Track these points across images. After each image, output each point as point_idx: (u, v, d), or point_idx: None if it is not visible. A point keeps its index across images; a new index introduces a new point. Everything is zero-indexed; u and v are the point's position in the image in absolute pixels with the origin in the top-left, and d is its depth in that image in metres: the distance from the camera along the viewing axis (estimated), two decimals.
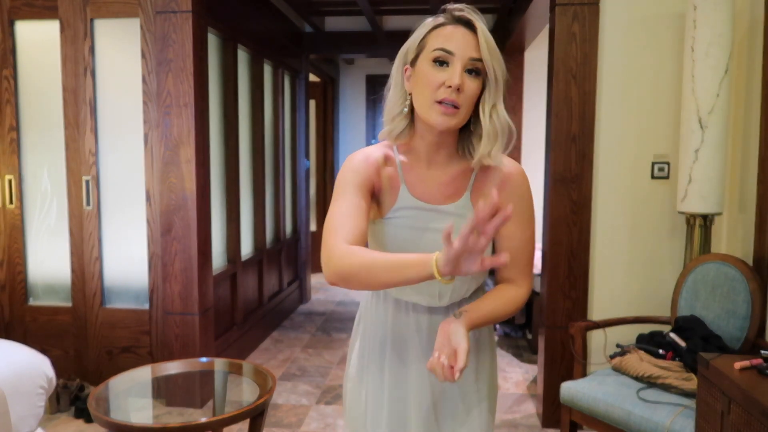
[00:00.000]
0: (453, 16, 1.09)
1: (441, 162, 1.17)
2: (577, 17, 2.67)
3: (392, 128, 1.16)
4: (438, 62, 1.08)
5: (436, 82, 1.07)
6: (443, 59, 1.07)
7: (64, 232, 3.04)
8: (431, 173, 1.18)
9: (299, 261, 5.19)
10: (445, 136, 1.15)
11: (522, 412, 2.99)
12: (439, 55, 1.07)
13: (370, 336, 1.28)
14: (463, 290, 1.22)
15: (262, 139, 4.12)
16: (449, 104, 1.07)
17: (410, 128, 1.16)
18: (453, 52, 1.06)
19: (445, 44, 1.07)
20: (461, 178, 1.18)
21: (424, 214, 1.16)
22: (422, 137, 1.16)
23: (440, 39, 1.08)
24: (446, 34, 1.08)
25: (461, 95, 1.07)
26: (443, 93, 1.06)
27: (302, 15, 4.71)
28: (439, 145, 1.16)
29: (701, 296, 2.35)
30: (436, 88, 1.07)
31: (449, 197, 1.17)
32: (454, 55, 1.06)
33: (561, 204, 2.73)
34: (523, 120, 5.02)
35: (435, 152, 1.17)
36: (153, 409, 2.54)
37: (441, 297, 1.20)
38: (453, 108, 1.07)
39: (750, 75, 2.48)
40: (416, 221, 1.16)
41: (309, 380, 3.40)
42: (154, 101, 2.86)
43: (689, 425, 1.87)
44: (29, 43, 3.01)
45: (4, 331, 3.11)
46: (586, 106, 2.69)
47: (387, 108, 1.17)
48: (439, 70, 1.07)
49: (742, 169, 2.52)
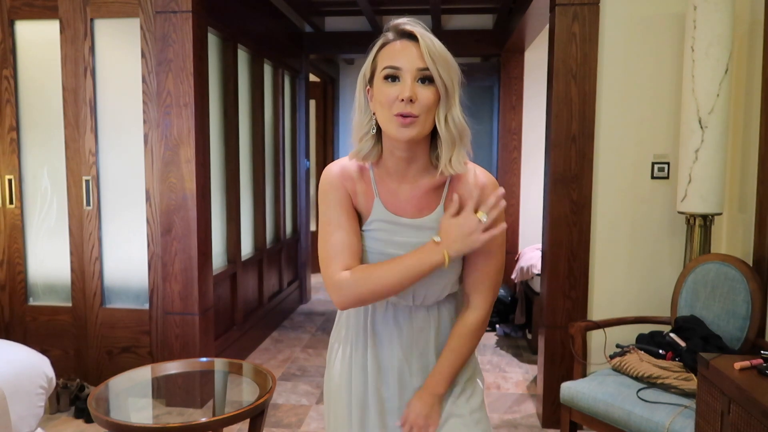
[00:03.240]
0: (397, 31, 1.13)
1: (412, 176, 1.19)
2: (577, 17, 2.67)
3: (360, 149, 1.18)
4: (389, 78, 1.11)
5: (390, 98, 1.10)
6: (393, 75, 1.10)
7: (64, 232, 3.04)
8: (403, 188, 1.20)
9: (299, 261, 5.19)
10: (414, 150, 1.16)
11: (522, 412, 2.99)
12: (388, 72, 1.11)
13: (353, 339, 1.30)
14: (436, 294, 1.23)
15: (262, 139, 4.12)
16: (406, 116, 1.09)
17: (379, 146, 1.19)
18: (400, 66, 1.10)
19: (392, 61, 1.11)
20: (434, 191, 1.20)
21: (396, 228, 1.20)
22: (392, 153, 1.17)
23: (387, 56, 1.12)
24: (393, 50, 1.12)
25: (416, 105, 1.09)
26: (398, 107, 1.09)
27: (302, 15, 4.71)
28: (409, 161, 1.17)
29: (701, 296, 2.35)
30: (391, 103, 1.10)
31: (422, 211, 1.20)
32: (401, 69, 1.10)
33: (561, 204, 2.73)
34: (523, 120, 5.01)
35: (406, 168, 1.18)
36: (153, 409, 2.53)
37: (415, 299, 1.23)
38: (410, 118, 1.09)
39: (750, 75, 2.48)
40: (389, 234, 1.20)
41: (309, 380, 3.40)
42: (154, 101, 2.86)
43: (689, 425, 1.87)
44: (29, 43, 3.01)
45: (4, 331, 3.11)
46: (586, 106, 2.69)
47: (354, 130, 1.20)
48: (391, 86, 1.11)
49: (742, 169, 2.52)
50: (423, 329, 1.26)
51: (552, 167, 2.73)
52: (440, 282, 1.21)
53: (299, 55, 4.97)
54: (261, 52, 4.04)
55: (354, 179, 1.22)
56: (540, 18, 3.76)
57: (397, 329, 1.26)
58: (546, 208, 2.82)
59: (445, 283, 1.21)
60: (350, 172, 1.22)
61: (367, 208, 1.22)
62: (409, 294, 1.22)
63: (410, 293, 1.22)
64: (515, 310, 4.34)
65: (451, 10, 4.72)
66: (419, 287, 1.20)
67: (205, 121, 2.98)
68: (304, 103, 5.15)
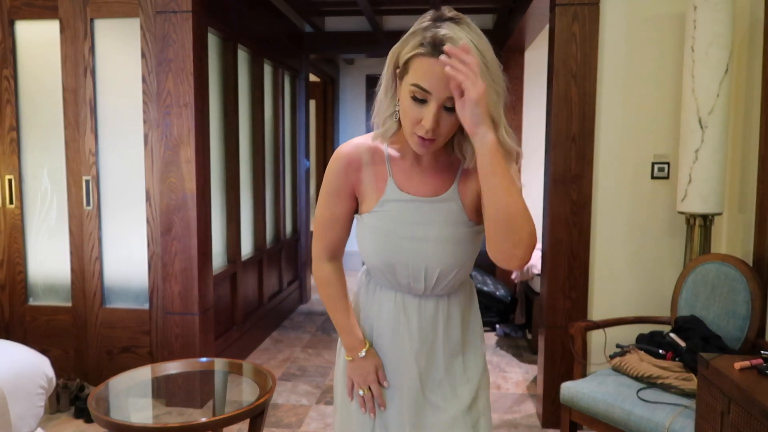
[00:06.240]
0: (434, 46, 1.04)
1: (429, 156, 1.21)
2: (577, 17, 2.67)
3: (386, 130, 1.19)
4: (415, 98, 1.08)
5: (413, 118, 1.09)
6: (421, 97, 1.07)
7: (64, 232, 3.04)
8: (419, 168, 1.22)
9: (299, 261, 5.19)
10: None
11: (522, 412, 2.99)
12: (416, 91, 1.07)
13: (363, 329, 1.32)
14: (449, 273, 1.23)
15: (262, 139, 4.12)
16: (425, 138, 1.10)
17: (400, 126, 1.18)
18: (430, 91, 1.06)
19: (423, 81, 1.06)
20: (448, 171, 1.22)
21: (409, 205, 1.21)
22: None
23: (419, 73, 1.06)
24: (426, 68, 1.05)
25: (437, 130, 1.09)
26: (419, 130, 1.09)
27: (302, 15, 4.71)
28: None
29: (701, 296, 2.35)
30: (414, 123, 1.10)
31: (436, 190, 1.21)
32: (430, 94, 1.06)
33: (561, 204, 2.73)
34: (523, 120, 5.01)
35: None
36: (153, 409, 2.53)
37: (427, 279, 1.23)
38: (429, 141, 1.11)
39: (750, 75, 2.48)
40: (401, 214, 1.21)
41: (309, 380, 3.40)
42: (154, 101, 2.86)
43: (689, 425, 1.87)
44: (29, 43, 3.01)
45: (4, 331, 3.11)
46: (586, 106, 2.69)
47: (378, 109, 1.19)
48: (416, 105, 1.08)
49: (742, 169, 2.52)
50: (433, 318, 1.26)
51: (552, 167, 2.73)
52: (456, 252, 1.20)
53: (299, 55, 4.97)
54: (261, 52, 4.04)
55: (362, 165, 1.23)
56: (540, 18, 3.76)
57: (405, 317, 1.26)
58: (546, 208, 2.82)
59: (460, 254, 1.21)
60: (360, 157, 1.23)
61: (378, 189, 1.23)
62: (421, 274, 1.21)
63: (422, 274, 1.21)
64: (515, 310, 4.34)
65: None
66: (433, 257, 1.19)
67: (205, 121, 2.98)
68: (304, 103, 5.14)
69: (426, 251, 1.20)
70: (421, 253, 1.20)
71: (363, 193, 1.25)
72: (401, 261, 1.21)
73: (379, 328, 1.29)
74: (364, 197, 1.25)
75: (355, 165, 1.23)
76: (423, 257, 1.20)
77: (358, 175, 1.24)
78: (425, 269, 1.21)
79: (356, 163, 1.23)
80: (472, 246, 1.23)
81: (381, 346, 1.29)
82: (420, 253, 1.20)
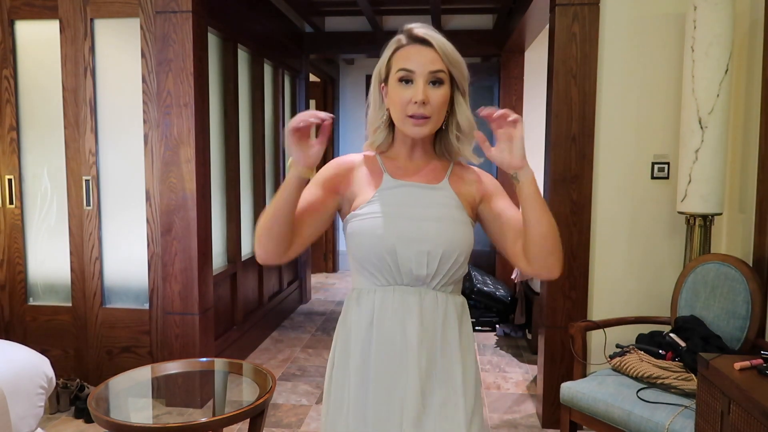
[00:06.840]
0: (411, 36, 1.22)
1: (419, 159, 1.30)
2: (577, 17, 2.67)
3: (374, 139, 1.29)
4: (403, 81, 1.20)
5: (404, 100, 1.20)
6: (407, 78, 1.20)
7: (64, 232, 3.04)
8: (412, 165, 1.30)
9: (299, 261, 5.19)
10: (422, 138, 1.27)
11: (522, 412, 2.99)
12: (402, 75, 1.20)
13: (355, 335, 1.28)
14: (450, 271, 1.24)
15: (262, 139, 4.12)
16: (419, 117, 1.20)
17: (390, 136, 1.30)
18: (413, 70, 1.19)
19: (406, 64, 1.20)
20: (438, 170, 1.31)
21: (407, 190, 1.27)
22: (403, 142, 1.29)
23: (402, 60, 1.21)
24: (407, 54, 1.21)
25: (428, 106, 1.20)
26: (412, 108, 1.19)
27: (302, 15, 4.71)
28: (417, 147, 1.30)
29: (701, 296, 2.35)
30: (405, 104, 1.20)
31: (429, 181, 1.29)
32: (414, 73, 1.19)
33: (561, 204, 2.73)
34: (523, 120, 5.01)
35: (413, 152, 1.30)
36: (153, 409, 2.53)
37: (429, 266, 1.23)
38: (423, 119, 1.20)
39: (750, 75, 2.48)
40: (400, 197, 1.26)
41: (309, 380, 3.40)
42: (154, 101, 2.86)
43: (689, 425, 1.87)
44: (29, 43, 3.01)
45: (4, 331, 3.11)
46: (586, 106, 2.69)
47: (369, 123, 1.31)
48: (405, 88, 1.20)
49: (742, 169, 2.52)
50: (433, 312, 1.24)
51: (552, 167, 2.74)
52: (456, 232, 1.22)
53: (299, 55, 4.97)
54: (261, 52, 4.04)
55: (354, 166, 1.30)
56: (540, 18, 3.76)
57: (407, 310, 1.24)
58: None
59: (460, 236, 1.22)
60: (353, 160, 1.32)
61: (373, 183, 1.28)
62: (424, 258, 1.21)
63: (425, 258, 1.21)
64: (515, 310, 4.34)
65: (451, 10, 4.72)
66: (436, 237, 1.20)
67: (205, 121, 2.98)
68: (304, 103, 5.15)
69: (429, 230, 1.22)
70: (423, 232, 1.21)
71: (355, 191, 1.28)
72: (403, 242, 1.20)
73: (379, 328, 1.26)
74: (357, 193, 1.27)
75: (347, 165, 1.31)
76: (425, 236, 1.21)
77: (350, 174, 1.29)
78: (428, 252, 1.21)
79: (349, 164, 1.31)
80: (470, 234, 1.25)
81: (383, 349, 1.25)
82: (422, 232, 1.21)
